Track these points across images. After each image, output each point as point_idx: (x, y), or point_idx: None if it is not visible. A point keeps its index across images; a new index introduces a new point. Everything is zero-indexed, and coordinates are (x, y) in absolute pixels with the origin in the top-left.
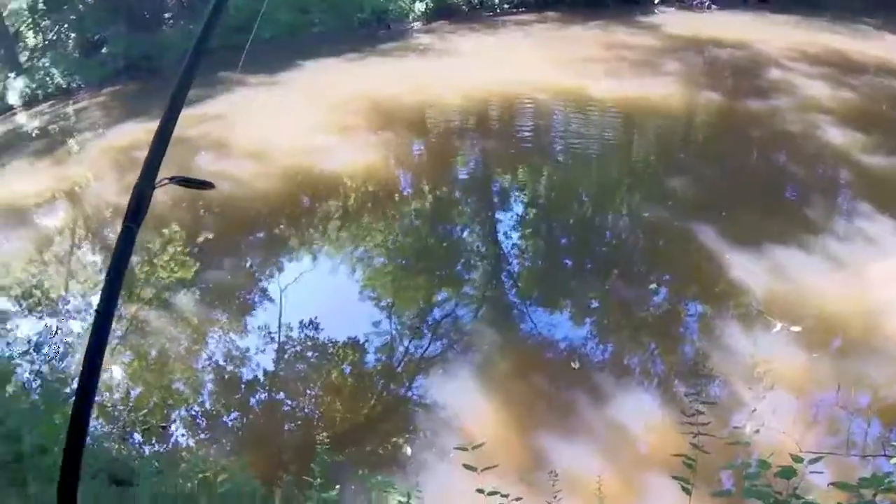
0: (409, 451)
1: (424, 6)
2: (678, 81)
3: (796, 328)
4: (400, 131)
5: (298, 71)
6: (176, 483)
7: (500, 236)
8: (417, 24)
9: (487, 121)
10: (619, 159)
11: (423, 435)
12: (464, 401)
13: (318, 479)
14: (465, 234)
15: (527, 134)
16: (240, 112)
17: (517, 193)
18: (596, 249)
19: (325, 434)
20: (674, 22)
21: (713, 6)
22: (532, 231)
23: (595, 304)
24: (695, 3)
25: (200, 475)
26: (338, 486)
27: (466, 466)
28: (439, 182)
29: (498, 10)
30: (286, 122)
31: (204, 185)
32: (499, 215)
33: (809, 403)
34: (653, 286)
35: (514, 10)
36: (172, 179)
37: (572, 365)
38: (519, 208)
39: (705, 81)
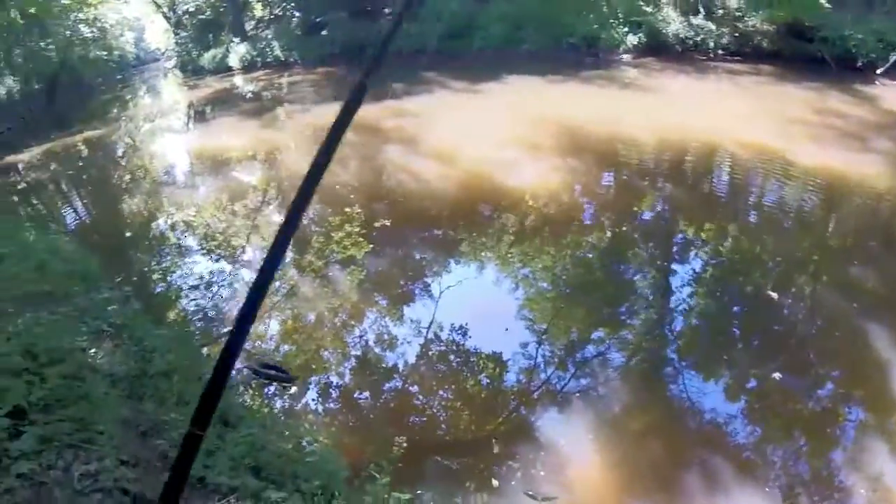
0: (495, 483)
1: (637, 39)
2: (887, 162)
3: None
4: (588, 160)
5: (500, 83)
6: (269, 439)
7: (671, 289)
8: (626, 57)
9: (680, 166)
10: (811, 234)
11: (519, 471)
12: (580, 449)
13: (385, 479)
14: (636, 278)
15: (718, 188)
16: (436, 113)
17: (697, 249)
18: (769, 326)
19: (420, 437)
20: (893, 97)
21: None
22: (705, 291)
23: (752, 385)
24: None
25: (295, 440)
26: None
27: None
28: (619, 220)
29: (711, 55)
30: (478, 131)
31: (287, 380)
32: (674, 266)
33: None
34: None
35: (728, 58)
36: (256, 372)
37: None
38: (696, 264)
39: None
